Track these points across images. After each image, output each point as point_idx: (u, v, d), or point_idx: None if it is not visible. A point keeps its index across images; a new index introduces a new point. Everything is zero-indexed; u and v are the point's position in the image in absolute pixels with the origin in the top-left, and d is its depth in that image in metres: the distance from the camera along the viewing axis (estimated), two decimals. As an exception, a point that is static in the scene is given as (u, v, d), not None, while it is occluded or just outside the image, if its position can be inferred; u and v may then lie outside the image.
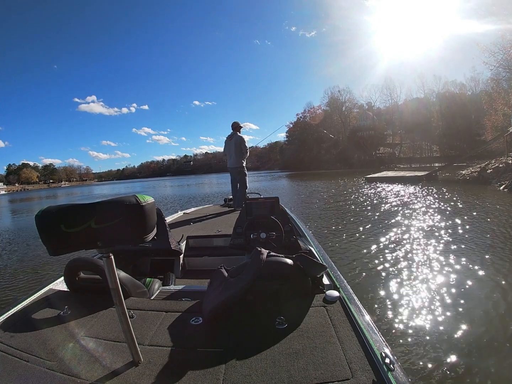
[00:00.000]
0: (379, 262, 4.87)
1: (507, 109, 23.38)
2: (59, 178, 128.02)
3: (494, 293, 3.61)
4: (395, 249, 5.46)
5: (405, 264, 4.72)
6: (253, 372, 1.08)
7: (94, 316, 1.53)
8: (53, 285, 1.98)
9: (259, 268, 1.48)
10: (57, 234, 1.02)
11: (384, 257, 5.10)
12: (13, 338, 1.36)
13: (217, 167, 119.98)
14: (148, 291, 1.87)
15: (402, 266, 4.63)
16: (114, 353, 1.23)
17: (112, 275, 1.12)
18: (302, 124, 69.04)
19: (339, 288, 1.69)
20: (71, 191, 57.30)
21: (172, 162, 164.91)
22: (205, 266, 3.24)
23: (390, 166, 43.18)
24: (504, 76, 24.36)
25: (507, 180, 13.08)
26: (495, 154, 21.41)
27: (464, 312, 3.23)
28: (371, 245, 5.84)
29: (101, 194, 36.56)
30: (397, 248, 5.53)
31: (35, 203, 32.35)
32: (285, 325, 1.34)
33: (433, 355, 2.61)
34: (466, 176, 17.14)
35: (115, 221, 1.03)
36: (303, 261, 1.58)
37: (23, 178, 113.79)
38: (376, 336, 1.24)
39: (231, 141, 6.42)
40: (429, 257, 4.94)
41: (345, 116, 61.92)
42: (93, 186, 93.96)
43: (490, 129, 27.86)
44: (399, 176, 20.86)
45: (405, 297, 3.66)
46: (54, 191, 70.40)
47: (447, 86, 50.49)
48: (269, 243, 2.54)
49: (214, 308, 1.42)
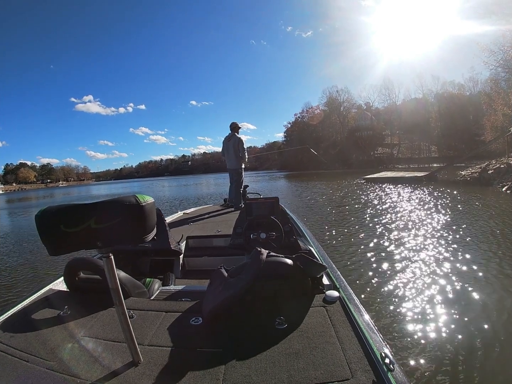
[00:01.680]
0: (379, 263, 4.86)
1: (506, 109, 23.32)
2: (57, 178, 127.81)
3: (494, 295, 3.61)
4: (395, 250, 5.46)
5: (406, 264, 4.71)
6: (252, 372, 1.08)
7: (94, 316, 1.52)
8: (53, 285, 1.97)
9: (259, 268, 1.47)
10: (57, 234, 1.02)
11: (384, 258, 5.10)
12: (13, 338, 1.36)
13: (215, 167, 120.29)
14: (148, 291, 1.86)
15: (402, 267, 4.63)
16: (114, 353, 1.23)
17: (112, 275, 1.12)
18: (300, 124, 69.10)
19: (339, 288, 1.68)
20: (68, 191, 57.15)
21: (170, 162, 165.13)
22: (205, 266, 3.23)
23: (388, 167, 43.31)
24: (504, 76, 24.41)
25: (509, 181, 12.85)
26: (494, 154, 21.33)
27: (464, 313, 3.22)
28: (371, 246, 5.85)
29: (98, 194, 36.38)
30: (398, 249, 5.53)
31: (33, 203, 32.26)
32: (285, 325, 1.34)
33: (432, 355, 2.61)
34: (466, 177, 16.88)
35: (115, 221, 1.03)
36: (303, 261, 1.57)
37: (21, 178, 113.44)
38: (376, 336, 1.24)
39: (229, 142, 6.39)
40: (430, 258, 4.92)
41: (343, 116, 61.89)
42: (91, 186, 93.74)
43: (489, 129, 27.68)
44: (399, 176, 20.72)
45: (405, 297, 3.66)
46: (51, 190, 70.36)
47: (445, 87, 50.84)
48: (269, 243, 2.54)
49: (214, 308, 1.42)
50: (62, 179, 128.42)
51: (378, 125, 56.82)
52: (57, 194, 48.39)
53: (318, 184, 21.87)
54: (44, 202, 31.88)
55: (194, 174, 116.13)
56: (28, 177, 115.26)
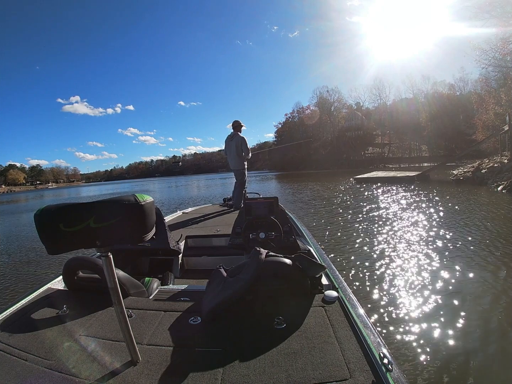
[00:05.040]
0: (378, 263, 4.89)
1: (498, 108, 23.41)
2: (46, 179, 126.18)
3: (493, 295, 3.65)
4: (394, 250, 5.48)
5: (404, 265, 4.74)
6: (251, 372, 1.08)
7: (93, 315, 1.52)
8: (51, 284, 1.97)
9: (258, 268, 1.48)
10: (56, 233, 1.01)
11: (383, 258, 5.12)
12: (11, 337, 1.36)
13: (206, 167, 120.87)
14: (146, 291, 1.86)
15: (400, 267, 4.66)
16: (113, 352, 1.23)
17: (111, 274, 1.11)
18: (291, 124, 69.32)
19: (338, 288, 1.69)
20: (58, 193, 56.41)
21: (161, 162, 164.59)
22: (204, 265, 3.22)
23: (379, 166, 43.67)
24: (494, 76, 24.63)
25: (504, 181, 12.70)
26: (485, 154, 21.55)
27: (462, 313, 3.25)
28: (370, 246, 5.87)
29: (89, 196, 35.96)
30: (396, 249, 5.56)
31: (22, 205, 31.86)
32: (283, 325, 1.34)
33: (431, 355, 2.63)
34: (459, 176, 16.86)
35: (114, 221, 1.03)
36: (302, 261, 1.58)
37: (10, 180, 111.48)
38: (374, 336, 1.24)
39: (231, 141, 6.22)
40: (429, 258, 4.94)
41: (334, 116, 62.29)
42: (81, 187, 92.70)
43: (481, 128, 27.75)
44: (390, 176, 20.66)
45: (404, 297, 3.68)
46: (41, 192, 69.46)
47: (436, 87, 51.38)
48: (268, 243, 2.54)
49: (212, 308, 1.42)
50: (51, 181, 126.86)
51: (368, 125, 57.38)
52: (46, 195, 47.82)
53: (310, 185, 21.75)
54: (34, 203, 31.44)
55: (185, 175, 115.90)
56: (17, 179, 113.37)
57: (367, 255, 5.35)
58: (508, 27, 18.26)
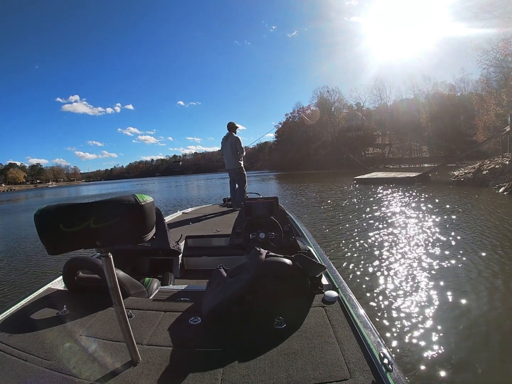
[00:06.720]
0: (378, 263, 4.88)
1: (499, 109, 23.30)
2: (46, 178, 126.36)
3: (493, 295, 3.64)
4: (394, 251, 5.48)
5: (404, 265, 4.73)
6: (251, 372, 1.08)
7: (93, 315, 1.52)
8: (51, 284, 1.97)
9: (258, 268, 1.47)
10: (56, 233, 1.01)
11: (383, 258, 5.12)
12: (11, 337, 1.36)
13: (206, 167, 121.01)
14: (147, 291, 1.86)
15: (401, 267, 4.65)
16: (113, 353, 1.23)
17: (111, 274, 1.11)
18: (291, 124, 69.31)
19: (338, 288, 1.69)
20: (58, 192, 56.46)
21: (161, 162, 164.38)
22: (204, 266, 3.21)
23: (379, 167, 43.59)
24: (495, 76, 24.61)
25: (506, 182, 12.44)
26: (486, 155, 21.41)
27: (463, 313, 3.26)
28: (370, 246, 5.87)
29: (89, 195, 35.89)
30: (396, 250, 5.55)
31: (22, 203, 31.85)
32: (283, 325, 1.34)
33: (431, 355, 2.63)
34: (459, 178, 16.62)
35: (114, 221, 1.03)
36: (302, 261, 1.57)
37: (10, 178, 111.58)
38: (374, 336, 1.24)
39: (227, 142, 6.37)
40: (429, 259, 4.93)
41: (334, 116, 62.31)
42: (81, 186, 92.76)
43: (482, 129, 27.58)
44: (390, 177, 20.45)
45: (404, 297, 3.68)
46: (41, 191, 69.51)
47: (436, 87, 51.39)
48: (268, 243, 2.54)
49: (212, 308, 1.42)
50: (52, 180, 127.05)
51: (369, 126, 57.39)
52: (46, 194, 47.82)
53: (310, 186, 21.68)
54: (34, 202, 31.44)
55: (185, 174, 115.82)
56: (17, 178, 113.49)
57: (367, 255, 5.35)
58: (510, 27, 18.26)
